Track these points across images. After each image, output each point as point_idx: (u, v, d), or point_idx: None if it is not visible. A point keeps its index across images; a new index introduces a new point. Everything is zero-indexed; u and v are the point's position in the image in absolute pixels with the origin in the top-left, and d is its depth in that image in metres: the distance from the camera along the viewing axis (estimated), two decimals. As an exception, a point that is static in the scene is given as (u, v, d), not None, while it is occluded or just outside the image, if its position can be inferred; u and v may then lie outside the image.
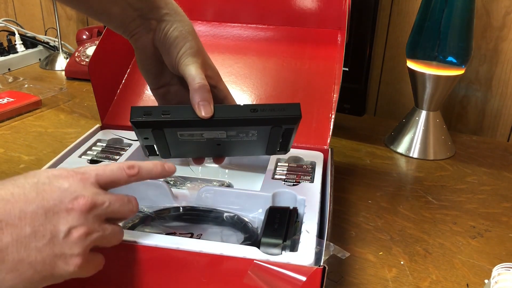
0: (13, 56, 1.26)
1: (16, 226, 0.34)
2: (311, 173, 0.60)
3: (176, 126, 0.47)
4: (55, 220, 0.35)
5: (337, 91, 0.67)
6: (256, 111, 0.46)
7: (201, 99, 0.46)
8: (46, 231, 0.35)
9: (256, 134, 0.49)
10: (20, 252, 0.34)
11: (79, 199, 0.37)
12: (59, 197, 0.36)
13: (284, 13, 0.79)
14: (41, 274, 0.35)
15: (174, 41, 0.49)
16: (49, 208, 0.35)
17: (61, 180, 0.37)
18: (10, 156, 0.79)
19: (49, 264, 0.35)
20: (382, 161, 0.82)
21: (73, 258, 0.36)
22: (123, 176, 0.41)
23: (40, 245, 0.34)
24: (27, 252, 0.34)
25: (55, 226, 0.35)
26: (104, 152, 0.64)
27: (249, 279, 0.42)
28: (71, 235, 0.36)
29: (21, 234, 0.34)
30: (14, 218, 0.34)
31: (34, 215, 0.35)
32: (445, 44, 0.79)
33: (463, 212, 0.68)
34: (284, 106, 0.47)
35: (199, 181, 0.64)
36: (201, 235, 0.52)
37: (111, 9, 0.49)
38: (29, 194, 0.35)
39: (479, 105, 0.95)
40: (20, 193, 0.35)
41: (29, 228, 0.34)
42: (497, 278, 0.43)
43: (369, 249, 0.59)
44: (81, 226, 0.36)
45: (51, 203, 0.36)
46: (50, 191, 0.36)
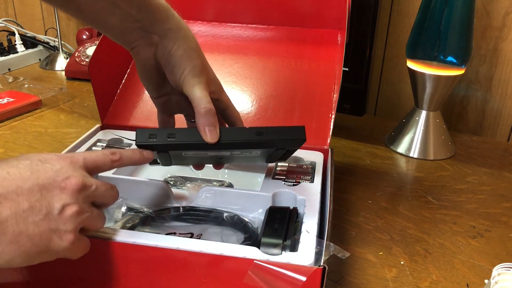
0: (13, 56, 1.26)
1: (14, 200, 0.35)
2: (311, 173, 0.60)
3: (182, 149, 0.47)
4: (49, 197, 0.37)
5: (337, 91, 0.67)
6: (261, 134, 0.46)
7: (208, 124, 0.46)
8: (42, 206, 0.37)
9: (259, 153, 0.50)
10: (19, 225, 0.35)
11: (71, 179, 0.39)
12: (52, 176, 0.38)
13: (284, 13, 0.79)
14: (38, 248, 0.36)
15: (178, 61, 0.48)
16: (44, 185, 0.37)
17: (52, 162, 0.39)
18: (10, 156, 0.79)
19: (45, 238, 0.37)
20: (382, 161, 0.82)
21: (66, 234, 0.38)
22: (107, 161, 0.44)
23: (37, 219, 0.36)
24: (25, 226, 0.36)
25: (50, 203, 0.37)
26: (104, 152, 0.64)
27: (249, 279, 0.42)
28: (65, 211, 0.38)
29: (19, 208, 0.35)
30: (12, 194, 0.35)
31: (30, 191, 0.36)
32: (445, 44, 0.79)
33: (463, 212, 0.68)
34: (289, 130, 0.47)
35: (199, 181, 0.64)
36: (201, 235, 0.52)
37: (109, 19, 0.48)
38: (24, 173, 0.37)
39: (479, 105, 0.95)
40: (16, 172, 0.37)
41: (26, 203, 0.36)
42: (497, 278, 0.43)
43: (369, 249, 0.59)
44: (73, 204, 0.38)
45: (45, 181, 0.37)
46: (43, 171, 0.38)
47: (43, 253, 0.37)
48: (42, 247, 0.37)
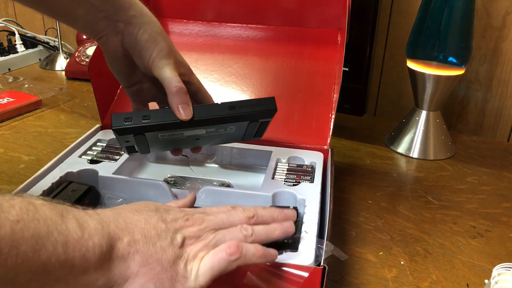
0: (13, 56, 1.26)
1: (143, 228, 0.38)
2: (311, 173, 0.60)
3: (157, 130, 0.47)
4: (172, 230, 0.39)
5: (337, 91, 0.67)
6: (234, 108, 0.47)
7: (180, 102, 0.47)
8: (167, 235, 0.38)
9: (234, 128, 0.51)
10: (149, 247, 0.37)
11: (189, 221, 0.41)
12: (175, 216, 0.41)
13: (284, 13, 0.79)
14: (168, 274, 0.37)
15: (145, 44, 0.49)
16: (168, 221, 0.40)
17: (174, 208, 0.42)
18: (10, 156, 0.79)
19: (172, 264, 0.37)
20: (382, 161, 0.82)
21: (191, 261, 0.39)
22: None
23: (164, 245, 0.38)
24: (155, 249, 0.37)
25: (173, 234, 0.39)
26: (104, 152, 0.64)
27: (249, 279, 0.42)
28: (185, 242, 0.39)
29: (148, 234, 0.37)
30: (141, 223, 0.38)
31: (156, 223, 0.39)
32: (445, 44, 0.79)
33: (463, 212, 0.68)
34: (260, 101, 0.49)
35: (199, 181, 0.64)
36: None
37: (75, 11, 0.49)
38: (150, 211, 0.40)
39: (479, 105, 0.95)
40: (143, 209, 0.40)
41: (154, 231, 0.38)
42: (497, 278, 0.43)
43: (369, 249, 0.59)
44: (194, 238, 0.40)
45: (168, 218, 0.40)
46: (167, 212, 0.41)
47: (173, 280, 0.37)
48: (171, 273, 0.37)
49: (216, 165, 0.69)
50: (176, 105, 0.47)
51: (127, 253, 0.36)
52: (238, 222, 0.43)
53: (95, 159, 0.62)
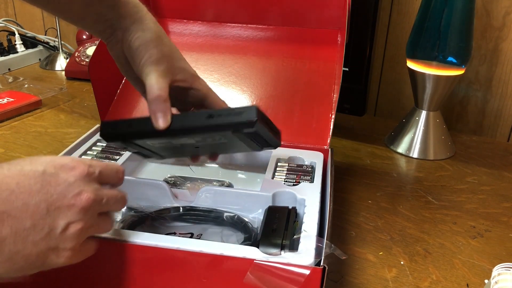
0: (13, 56, 1.26)
1: (17, 218, 0.34)
2: (311, 173, 0.60)
3: (139, 138, 0.47)
4: (55, 215, 0.36)
5: (337, 91, 0.67)
6: (212, 117, 0.45)
7: (157, 110, 0.46)
8: (45, 225, 0.35)
9: (223, 138, 0.48)
10: (17, 244, 0.34)
11: (82, 195, 0.37)
12: (63, 191, 0.37)
13: (284, 13, 0.79)
14: (33, 265, 0.36)
15: (136, 51, 0.49)
16: (52, 202, 0.36)
17: (67, 173, 0.38)
18: (10, 156, 0.79)
19: (42, 257, 0.36)
20: (382, 161, 0.82)
21: (65, 251, 0.37)
22: (117, 181, 0.43)
23: (37, 238, 0.35)
24: (23, 245, 0.35)
25: (54, 221, 0.36)
26: (104, 152, 0.64)
27: (249, 279, 0.42)
28: (68, 230, 0.37)
29: (20, 227, 0.34)
30: (16, 210, 0.34)
31: (36, 208, 0.35)
32: (445, 44, 0.79)
33: (463, 212, 0.68)
34: (240, 110, 0.45)
35: (199, 181, 0.64)
36: (201, 235, 0.52)
37: (86, 19, 0.50)
38: (34, 186, 0.35)
39: (479, 105, 0.95)
40: (25, 184, 0.35)
41: (30, 221, 0.35)
42: (497, 278, 0.43)
43: (369, 249, 0.59)
44: (79, 221, 0.37)
45: (54, 197, 0.36)
46: (55, 184, 0.36)
47: (37, 268, 0.36)
48: (36, 264, 0.36)
49: (216, 165, 0.69)
50: (153, 113, 0.46)
51: None
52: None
53: (95, 159, 0.62)
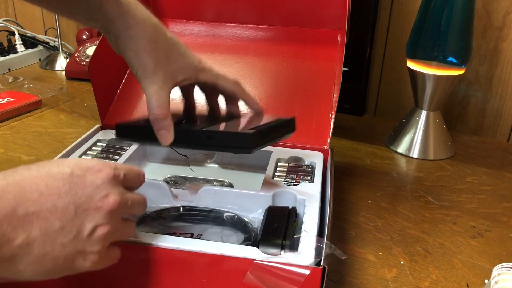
0: (13, 56, 1.26)
1: (46, 219, 0.34)
2: (311, 173, 0.60)
3: (150, 142, 0.50)
4: (83, 217, 0.36)
5: (337, 91, 0.67)
6: (210, 138, 0.47)
7: (159, 128, 0.48)
8: (73, 227, 0.35)
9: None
10: (46, 246, 0.34)
11: (109, 198, 0.37)
12: (91, 194, 0.37)
13: (284, 13, 0.79)
14: (60, 268, 0.36)
15: (130, 62, 0.49)
16: (80, 204, 0.36)
17: (94, 175, 0.38)
18: (10, 156, 0.79)
19: (69, 260, 0.36)
20: (382, 161, 0.82)
21: (92, 255, 0.37)
22: (139, 184, 0.43)
23: (65, 241, 0.35)
24: (52, 247, 0.35)
25: (82, 223, 0.36)
26: (104, 152, 0.64)
27: (249, 279, 0.42)
28: (95, 233, 0.37)
29: (49, 229, 0.34)
30: (46, 212, 0.34)
31: (65, 210, 0.35)
32: (445, 44, 0.79)
33: (463, 212, 0.68)
34: (238, 137, 0.47)
35: (199, 181, 0.64)
36: (201, 235, 0.52)
37: (76, 18, 0.50)
38: (62, 188, 0.35)
39: (479, 105, 0.95)
40: (54, 185, 0.35)
41: (58, 223, 0.35)
42: (497, 278, 0.43)
43: (369, 249, 0.59)
44: (106, 224, 0.37)
45: (82, 199, 0.36)
46: (82, 186, 0.37)
47: (64, 271, 0.36)
48: (64, 267, 0.36)
49: (216, 165, 0.69)
50: (156, 131, 0.48)
51: (16, 254, 0.33)
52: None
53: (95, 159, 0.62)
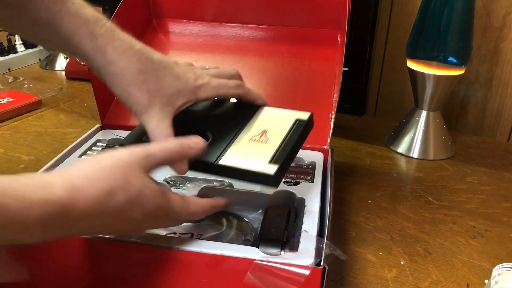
0: (13, 56, 1.26)
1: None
2: (311, 173, 0.60)
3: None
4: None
5: (337, 91, 0.67)
6: (228, 173, 0.45)
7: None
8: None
9: None
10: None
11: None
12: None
13: (284, 13, 0.79)
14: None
15: (120, 98, 0.45)
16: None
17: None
18: (10, 156, 0.79)
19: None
20: (382, 161, 0.82)
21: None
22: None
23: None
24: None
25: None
26: (104, 152, 0.64)
27: (249, 279, 0.42)
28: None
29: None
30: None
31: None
32: (445, 44, 0.79)
33: (463, 212, 0.68)
34: (258, 175, 0.44)
35: (199, 181, 0.64)
36: (201, 235, 0.52)
37: (56, 47, 0.48)
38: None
39: (479, 105, 0.95)
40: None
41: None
42: (497, 278, 0.43)
43: (369, 249, 0.59)
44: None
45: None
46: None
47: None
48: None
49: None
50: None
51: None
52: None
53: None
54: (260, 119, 0.51)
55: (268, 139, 0.47)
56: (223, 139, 0.48)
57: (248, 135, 0.48)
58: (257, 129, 0.49)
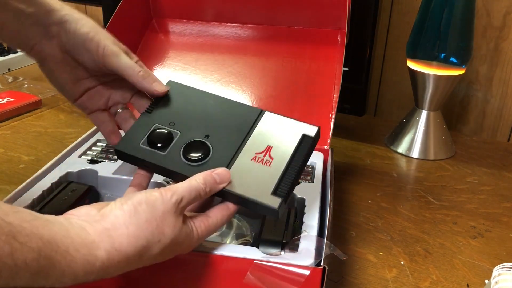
0: (13, 56, 1.25)
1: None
2: (311, 173, 0.60)
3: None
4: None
5: (337, 91, 0.67)
6: (231, 199, 0.44)
7: (153, 81, 0.48)
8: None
9: None
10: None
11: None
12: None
13: (284, 13, 0.79)
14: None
15: (88, 36, 0.46)
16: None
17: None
18: (10, 156, 0.79)
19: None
20: (382, 161, 0.82)
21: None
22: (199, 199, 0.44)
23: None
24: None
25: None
26: (104, 152, 0.64)
27: (249, 279, 0.42)
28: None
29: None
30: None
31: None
32: (445, 44, 0.79)
33: (463, 212, 0.68)
34: (262, 207, 0.43)
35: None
36: (201, 235, 0.52)
37: (2, 17, 0.45)
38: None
39: (479, 105, 0.95)
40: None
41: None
42: (497, 278, 0.43)
43: (369, 249, 0.59)
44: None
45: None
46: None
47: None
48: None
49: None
50: (149, 86, 0.48)
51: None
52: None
53: (95, 159, 0.62)
54: (263, 130, 0.47)
55: (273, 161, 0.45)
56: (224, 153, 0.46)
57: (251, 151, 0.46)
58: (261, 145, 0.46)
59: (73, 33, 0.47)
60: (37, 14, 0.46)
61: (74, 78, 0.50)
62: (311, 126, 0.47)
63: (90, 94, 0.51)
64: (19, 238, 0.30)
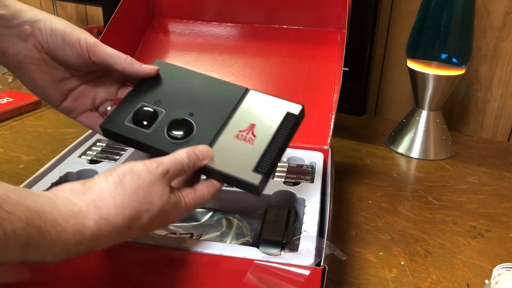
0: (13, 56, 1.25)
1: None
2: (311, 173, 0.60)
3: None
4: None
5: (337, 91, 0.67)
6: (213, 176, 0.44)
7: (141, 64, 0.49)
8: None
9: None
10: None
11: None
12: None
13: (284, 13, 0.79)
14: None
15: (65, 31, 0.46)
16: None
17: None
18: (10, 156, 0.79)
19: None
20: (382, 161, 0.82)
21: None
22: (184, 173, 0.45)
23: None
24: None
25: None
26: (104, 152, 0.64)
27: (249, 279, 0.42)
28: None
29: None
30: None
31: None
32: (445, 44, 0.79)
33: (463, 212, 0.68)
34: (242, 183, 0.43)
35: (199, 181, 0.64)
36: (201, 235, 0.52)
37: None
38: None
39: (480, 105, 0.95)
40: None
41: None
42: (497, 278, 0.43)
43: (370, 249, 0.59)
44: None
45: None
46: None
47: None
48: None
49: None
50: (140, 68, 0.48)
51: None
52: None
53: (94, 159, 0.62)
54: (247, 108, 0.47)
55: (255, 138, 0.45)
56: (208, 131, 0.46)
57: (234, 129, 0.46)
58: (244, 123, 0.46)
59: (50, 30, 0.46)
60: (5, 16, 0.44)
61: (55, 79, 0.48)
62: (295, 104, 0.48)
63: (75, 95, 0.51)
64: (5, 207, 0.29)
